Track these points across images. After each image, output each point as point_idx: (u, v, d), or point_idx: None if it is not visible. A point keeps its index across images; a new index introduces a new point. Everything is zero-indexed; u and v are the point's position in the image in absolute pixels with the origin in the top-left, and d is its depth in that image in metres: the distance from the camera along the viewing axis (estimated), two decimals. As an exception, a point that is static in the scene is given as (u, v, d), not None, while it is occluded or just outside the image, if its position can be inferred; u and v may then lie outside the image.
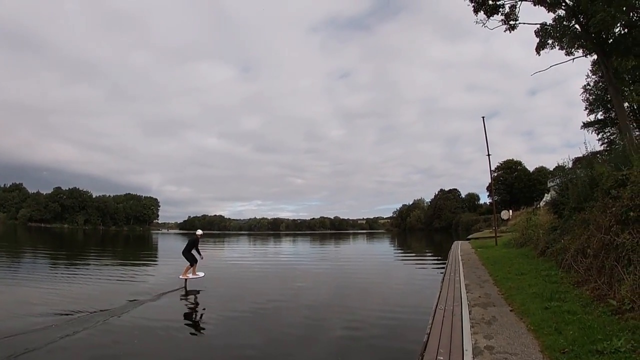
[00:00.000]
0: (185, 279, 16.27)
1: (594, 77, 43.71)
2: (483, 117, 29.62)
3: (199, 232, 18.69)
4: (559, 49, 23.00)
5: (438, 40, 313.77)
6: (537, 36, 23.13)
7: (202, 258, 17.31)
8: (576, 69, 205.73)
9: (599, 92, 43.26)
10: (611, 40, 20.04)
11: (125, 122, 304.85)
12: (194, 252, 16.99)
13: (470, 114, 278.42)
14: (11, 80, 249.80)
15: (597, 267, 9.37)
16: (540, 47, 23.18)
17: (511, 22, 23.41)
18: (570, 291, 9.00)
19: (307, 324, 10.46)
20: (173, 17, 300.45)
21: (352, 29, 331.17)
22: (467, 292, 10.38)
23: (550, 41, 22.86)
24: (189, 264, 16.68)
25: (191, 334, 9.73)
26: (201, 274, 17.06)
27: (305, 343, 8.73)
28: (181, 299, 13.88)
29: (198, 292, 15.08)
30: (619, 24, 19.68)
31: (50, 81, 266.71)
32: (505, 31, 23.66)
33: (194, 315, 12.01)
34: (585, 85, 44.80)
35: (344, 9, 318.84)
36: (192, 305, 13.25)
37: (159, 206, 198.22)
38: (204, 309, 12.59)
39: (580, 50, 23.26)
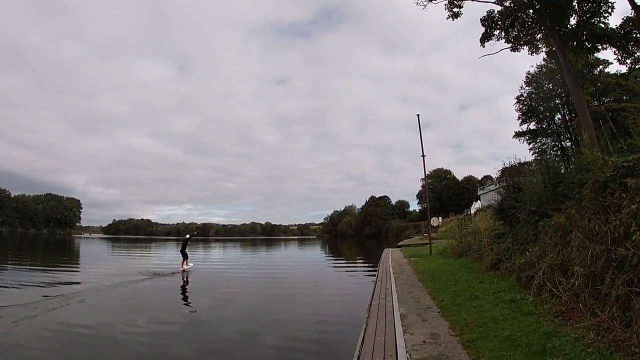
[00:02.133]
0: (183, 270, 21.80)
1: (527, 88, 43.69)
2: (418, 115, 27.15)
3: (187, 235, 26.79)
4: (504, 42, 21.03)
5: (376, 53, 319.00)
6: (483, 25, 20.84)
7: (188, 257, 23.20)
8: (504, 87, 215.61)
9: (532, 103, 43.22)
10: (567, 29, 18.25)
11: (52, 116, 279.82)
12: (187, 250, 23.54)
13: (403, 124, 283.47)
14: None
15: (593, 293, 6.23)
16: (485, 38, 21.09)
17: (454, 10, 21.20)
18: (561, 331, 5.77)
19: (238, 332, 9.99)
20: (109, 9, 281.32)
21: (293, 35, 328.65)
22: (404, 332, 6.81)
23: (496, 32, 20.77)
24: (183, 258, 22.82)
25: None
26: (191, 264, 23.39)
27: (237, 352, 8.43)
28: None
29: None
30: (574, 14, 18.16)
31: None
32: (447, 18, 21.37)
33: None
34: (518, 96, 44.77)
35: (286, 15, 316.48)
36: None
37: (81, 208, 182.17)
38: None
39: (526, 48, 21.61)
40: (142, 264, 28.45)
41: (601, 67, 36.74)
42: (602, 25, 17.95)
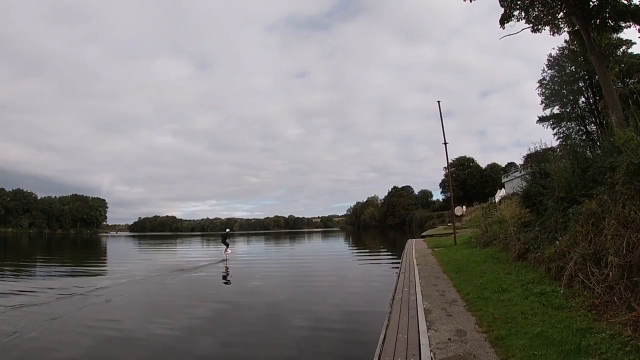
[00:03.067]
0: (226, 255, 27.65)
1: (549, 71, 42.45)
2: (439, 102, 26.42)
3: (227, 230, 35.18)
4: (525, 22, 20.20)
5: (395, 42, 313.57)
6: (501, 6, 20.08)
7: (228, 246, 28.95)
8: (526, 72, 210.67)
9: (555, 87, 42.03)
10: (590, 7, 17.42)
11: (76, 119, 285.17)
12: (227, 240, 29.42)
13: (424, 114, 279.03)
14: None
15: (629, 284, 5.82)
16: (504, 20, 20.23)
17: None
18: (596, 327, 5.36)
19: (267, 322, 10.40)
20: (127, 11, 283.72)
21: (310, 28, 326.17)
22: (428, 328, 6.50)
23: (516, 12, 19.99)
24: (225, 247, 28.54)
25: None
26: (230, 251, 28.71)
27: (267, 339, 8.80)
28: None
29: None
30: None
31: None
32: (465, 0, 20.59)
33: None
34: (541, 80, 43.63)
35: (303, 9, 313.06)
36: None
37: (107, 207, 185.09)
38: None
39: (547, 28, 20.77)
40: (175, 259, 30.89)
41: (624, 47, 35.36)
42: (625, 2, 17.13)
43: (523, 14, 19.91)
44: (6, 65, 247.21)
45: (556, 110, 43.24)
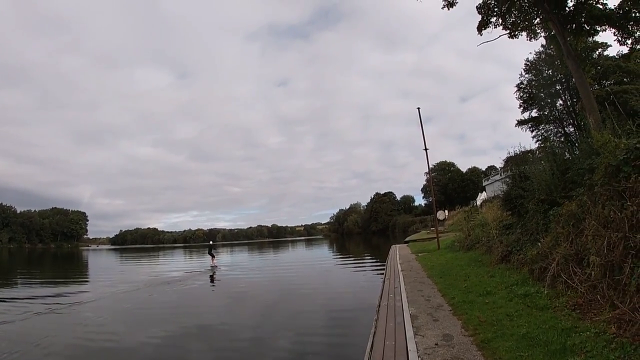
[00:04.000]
0: (214, 265, 29.70)
1: (527, 75, 43.35)
2: (418, 109, 26.90)
3: (211, 242, 40.02)
4: (502, 29, 20.57)
5: (375, 49, 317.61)
6: (479, 13, 20.42)
7: (214, 256, 31.51)
8: (505, 76, 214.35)
9: (533, 90, 42.90)
10: (565, 12, 17.82)
11: (56, 130, 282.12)
12: (213, 252, 31.86)
13: (405, 119, 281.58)
14: None
15: (612, 283, 5.90)
16: (482, 26, 20.61)
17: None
18: (580, 326, 5.44)
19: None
20: (106, 21, 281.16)
21: (291, 36, 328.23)
22: (415, 334, 6.49)
23: (493, 19, 20.34)
24: (211, 257, 31.06)
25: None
26: (216, 261, 30.93)
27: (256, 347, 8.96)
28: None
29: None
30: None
31: None
32: (443, 8, 20.83)
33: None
34: (518, 84, 44.52)
35: (284, 17, 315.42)
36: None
37: (88, 220, 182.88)
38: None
39: (524, 33, 21.19)
40: (157, 271, 30.55)
41: (600, 50, 36.32)
42: (600, 6, 17.56)
43: (500, 20, 20.26)
44: None
45: (534, 113, 44.17)
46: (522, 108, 44.61)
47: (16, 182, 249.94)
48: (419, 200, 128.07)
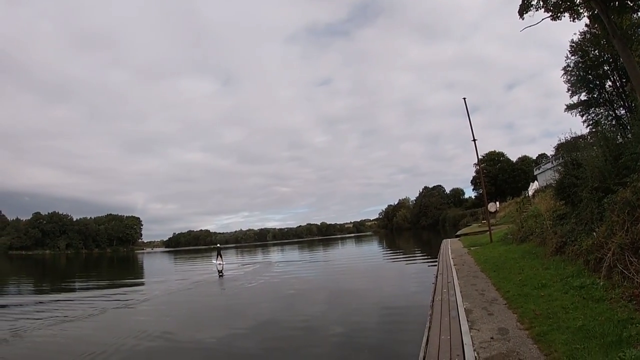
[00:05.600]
0: (220, 264, 32.83)
1: (573, 57, 41.52)
2: (464, 99, 26.46)
3: (218, 245, 44.57)
4: (544, 11, 19.98)
5: (416, 42, 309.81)
6: (520, -5, 19.97)
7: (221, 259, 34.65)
8: (551, 61, 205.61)
9: (580, 73, 41.04)
10: None
11: (105, 142, 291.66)
12: (221, 254, 35.49)
13: (450, 111, 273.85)
14: None
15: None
16: (523, 10, 20.13)
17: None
18: (637, 318, 5.37)
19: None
20: (148, 34, 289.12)
21: (330, 35, 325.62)
22: (470, 328, 6.58)
23: (534, 2, 19.81)
24: (219, 258, 34.40)
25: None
26: (223, 262, 33.77)
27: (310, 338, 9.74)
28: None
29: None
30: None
31: (27, 105, 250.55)
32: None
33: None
34: (565, 67, 42.57)
35: (322, 17, 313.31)
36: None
37: (142, 225, 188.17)
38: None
39: (567, 14, 20.45)
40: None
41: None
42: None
43: (541, 2, 19.69)
44: (34, 94, 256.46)
45: (583, 96, 42.11)
46: (570, 92, 42.66)
47: (70, 192, 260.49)
48: (469, 193, 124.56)
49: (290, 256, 47.33)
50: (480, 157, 35.71)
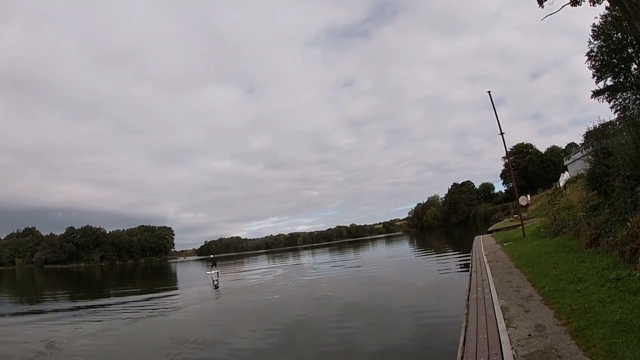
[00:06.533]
0: (214, 272, 31.23)
1: (596, 42, 40.44)
2: (489, 92, 26.25)
3: (212, 255, 44.16)
4: (563, -4, 19.65)
5: (436, 38, 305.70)
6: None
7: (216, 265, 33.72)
8: (574, 46, 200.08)
9: (604, 57, 39.92)
10: None
11: (135, 155, 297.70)
12: (216, 264, 33.93)
13: (475, 105, 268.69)
14: (16, 126, 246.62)
15: None
16: (543, -5, 19.81)
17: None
18: (677, 309, 5.26)
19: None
20: (170, 47, 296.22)
21: (350, 37, 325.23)
22: (507, 326, 6.57)
23: (554, -14, 19.51)
24: (213, 267, 32.54)
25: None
26: (217, 271, 32.00)
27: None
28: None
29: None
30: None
31: (57, 123, 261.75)
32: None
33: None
34: (588, 52, 41.46)
35: (340, 19, 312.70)
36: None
37: (174, 234, 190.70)
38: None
39: (586, -1, 20.09)
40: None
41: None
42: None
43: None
44: (64, 112, 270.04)
45: (609, 81, 40.92)
46: (595, 78, 41.51)
47: (103, 205, 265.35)
48: (499, 187, 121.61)
49: (321, 259, 47.76)
50: (508, 149, 35.18)
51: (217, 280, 29.81)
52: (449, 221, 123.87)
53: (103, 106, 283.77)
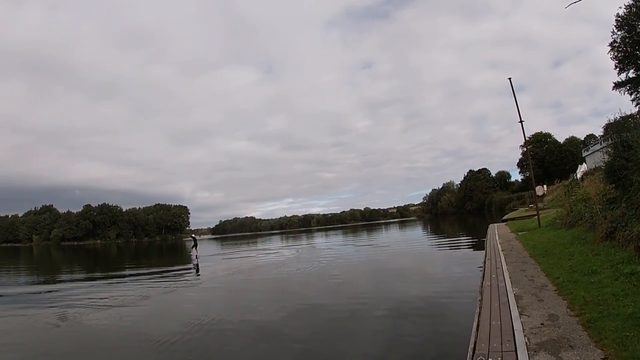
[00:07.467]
0: (196, 255, 33.64)
1: (619, 33, 39.24)
2: (510, 79, 25.80)
3: (194, 235, 43.68)
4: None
5: (456, 21, 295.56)
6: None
7: (196, 249, 35.15)
8: (598, 35, 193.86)
9: (627, 49, 38.77)
10: None
11: (152, 135, 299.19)
12: (196, 244, 36.12)
13: (495, 91, 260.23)
14: (35, 106, 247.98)
15: None
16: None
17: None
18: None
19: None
20: (188, 28, 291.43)
21: (370, 18, 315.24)
22: (520, 314, 6.67)
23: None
24: (195, 248, 35.12)
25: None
26: (198, 252, 34.51)
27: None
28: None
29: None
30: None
31: (75, 104, 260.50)
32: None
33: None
34: (611, 43, 40.29)
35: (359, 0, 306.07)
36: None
37: (189, 213, 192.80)
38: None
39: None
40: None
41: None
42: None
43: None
44: (82, 93, 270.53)
45: (632, 73, 39.83)
46: (617, 69, 40.42)
47: (120, 184, 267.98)
48: (515, 176, 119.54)
49: (334, 241, 48.23)
50: (527, 138, 34.65)
51: (197, 263, 29.50)
52: (463, 208, 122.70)
53: (121, 87, 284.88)
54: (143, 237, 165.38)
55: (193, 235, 46.02)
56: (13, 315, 13.88)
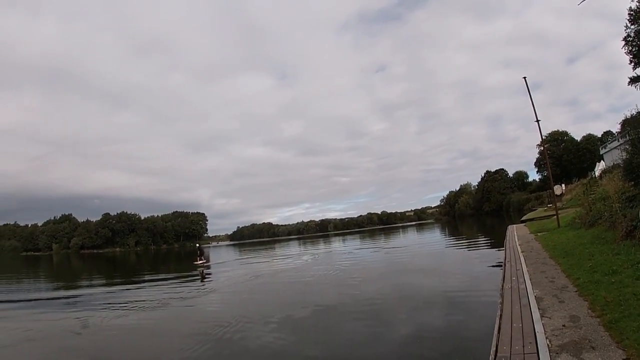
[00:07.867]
0: (201, 262, 35.76)
1: (632, 27, 38.57)
2: (525, 78, 25.63)
3: (198, 245, 44.35)
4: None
5: (469, 21, 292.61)
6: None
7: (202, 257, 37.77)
8: (612, 30, 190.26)
9: (641, 43, 38.05)
10: None
11: (169, 143, 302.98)
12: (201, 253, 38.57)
13: (510, 90, 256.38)
14: (52, 117, 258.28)
15: None
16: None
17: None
18: None
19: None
20: (202, 36, 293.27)
21: (382, 21, 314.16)
22: (541, 316, 6.66)
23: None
24: (199, 256, 37.16)
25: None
26: (204, 260, 37.20)
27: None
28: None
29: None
30: None
31: (92, 113, 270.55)
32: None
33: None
34: (625, 37, 39.57)
35: (372, 2, 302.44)
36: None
37: (207, 220, 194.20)
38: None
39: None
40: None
41: None
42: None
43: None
44: (98, 102, 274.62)
45: (646, 68, 39.15)
46: (632, 64, 39.68)
47: (138, 192, 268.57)
48: (533, 176, 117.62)
49: (352, 245, 48.29)
50: (543, 137, 34.18)
51: (203, 274, 28.06)
52: (481, 210, 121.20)
53: (137, 96, 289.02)
54: (162, 245, 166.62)
55: (198, 244, 45.95)
56: (36, 320, 14.48)
